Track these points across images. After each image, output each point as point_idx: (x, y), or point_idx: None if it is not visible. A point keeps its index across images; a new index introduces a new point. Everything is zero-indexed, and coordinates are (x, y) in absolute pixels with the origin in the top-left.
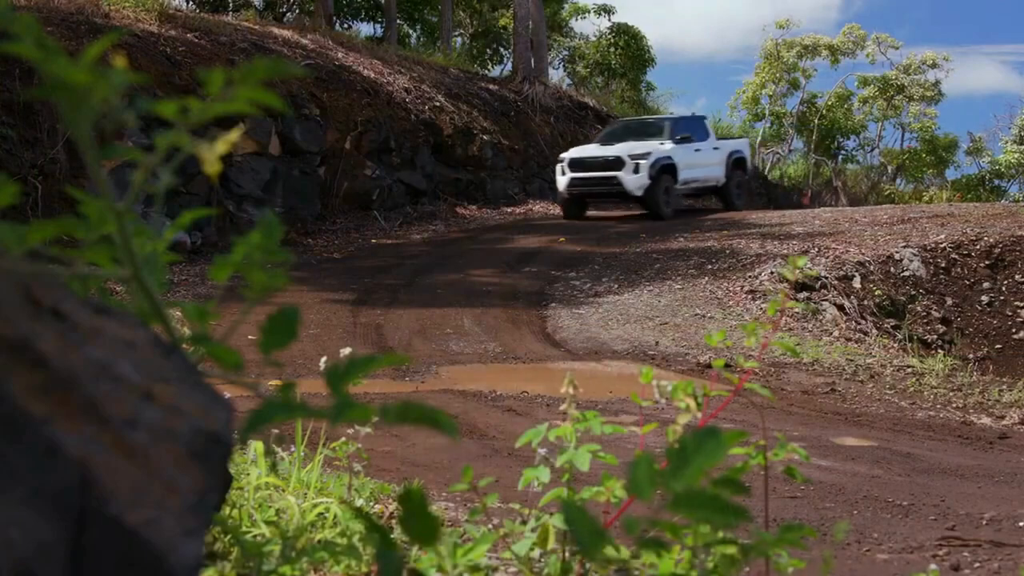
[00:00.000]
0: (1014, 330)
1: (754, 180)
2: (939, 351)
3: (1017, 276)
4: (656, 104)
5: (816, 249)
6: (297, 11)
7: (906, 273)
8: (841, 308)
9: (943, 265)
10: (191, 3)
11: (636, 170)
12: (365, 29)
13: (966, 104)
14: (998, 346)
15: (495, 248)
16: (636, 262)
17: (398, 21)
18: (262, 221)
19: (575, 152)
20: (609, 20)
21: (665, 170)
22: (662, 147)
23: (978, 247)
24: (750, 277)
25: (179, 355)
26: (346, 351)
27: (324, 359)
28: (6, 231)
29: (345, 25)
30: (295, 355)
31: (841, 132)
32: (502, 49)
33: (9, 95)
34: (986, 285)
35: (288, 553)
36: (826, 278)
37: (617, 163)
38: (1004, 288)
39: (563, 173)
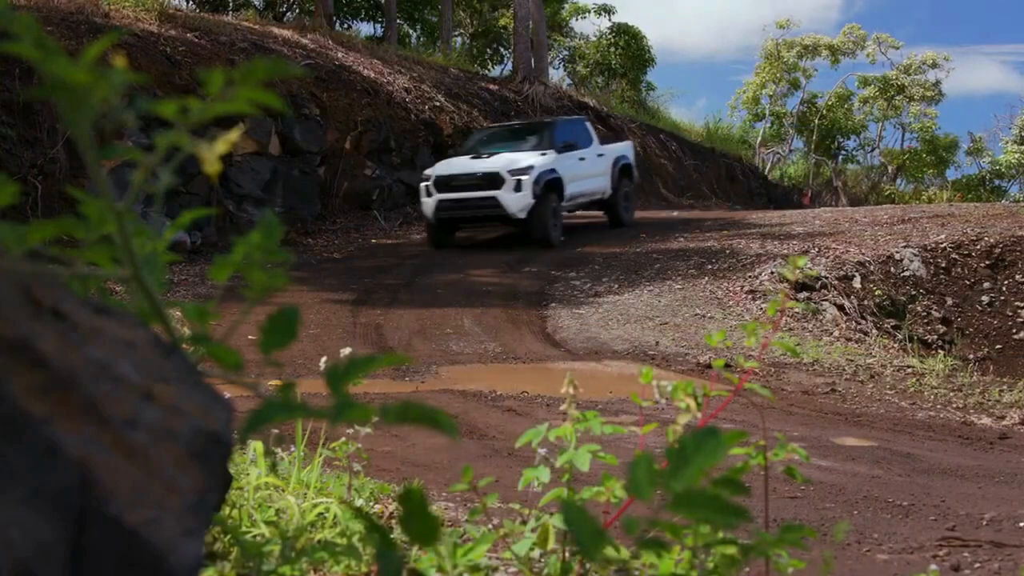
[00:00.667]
0: (1014, 330)
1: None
2: (939, 351)
3: (1017, 276)
4: (656, 104)
5: (816, 249)
6: (297, 11)
7: (906, 273)
8: (841, 308)
9: (943, 265)
10: (191, 3)
11: (518, 188)
12: (365, 29)
13: (966, 104)
14: (998, 346)
15: (495, 248)
16: (636, 262)
17: (398, 21)
18: (262, 221)
19: (442, 168)
20: (609, 20)
21: (550, 186)
22: (544, 158)
23: (978, 247)
24: (750, 277)
25: (179, 355)
26: (346, 351)
27: (324, 359)
28: (6, 231)
29: (345, 25)
30: (295, 355)
31: (841, 132)
32: (502, 49)
33: (9, 95)
34: (986, 285)
35: (288, 553)
36: (826, 278)
37: (495, 181)
38: (1004, 288)
39: (428, 194)
